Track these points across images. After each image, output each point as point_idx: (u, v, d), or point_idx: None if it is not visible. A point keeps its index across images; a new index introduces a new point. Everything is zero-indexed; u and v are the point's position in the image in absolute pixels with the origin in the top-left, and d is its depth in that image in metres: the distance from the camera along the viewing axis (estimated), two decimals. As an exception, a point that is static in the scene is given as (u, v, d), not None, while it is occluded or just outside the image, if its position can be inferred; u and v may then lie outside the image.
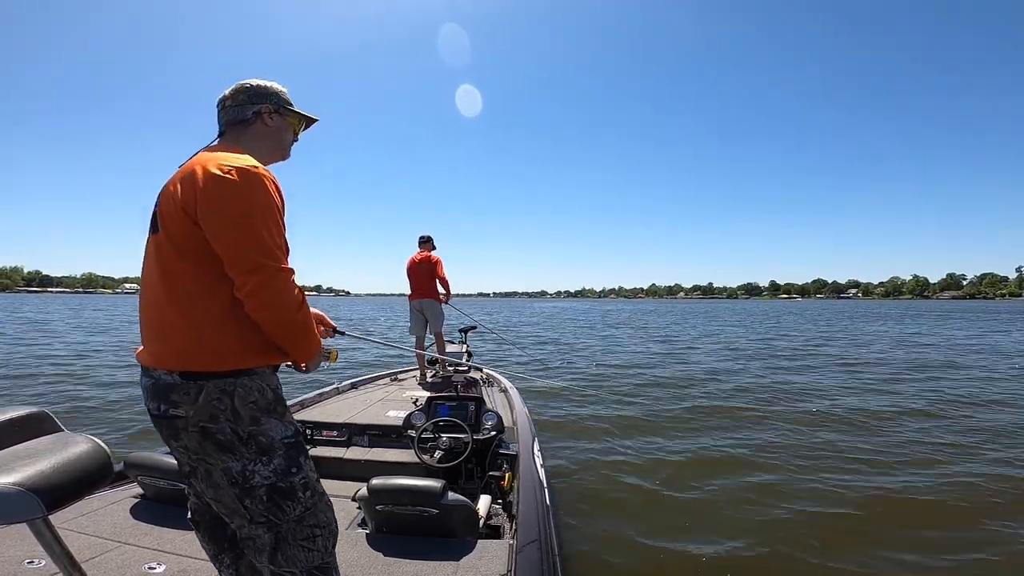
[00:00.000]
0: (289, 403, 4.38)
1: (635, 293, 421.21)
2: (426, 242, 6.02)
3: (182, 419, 1.28)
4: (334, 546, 1.46)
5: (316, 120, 1.64)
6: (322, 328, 1.72)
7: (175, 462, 2.38)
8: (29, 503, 1.18)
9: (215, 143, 1.47)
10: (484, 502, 2.55)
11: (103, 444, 1.45)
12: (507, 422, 3.54)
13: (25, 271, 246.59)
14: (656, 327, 26.29)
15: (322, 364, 1.61)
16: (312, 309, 1.71)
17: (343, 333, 1.81)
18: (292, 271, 1.32)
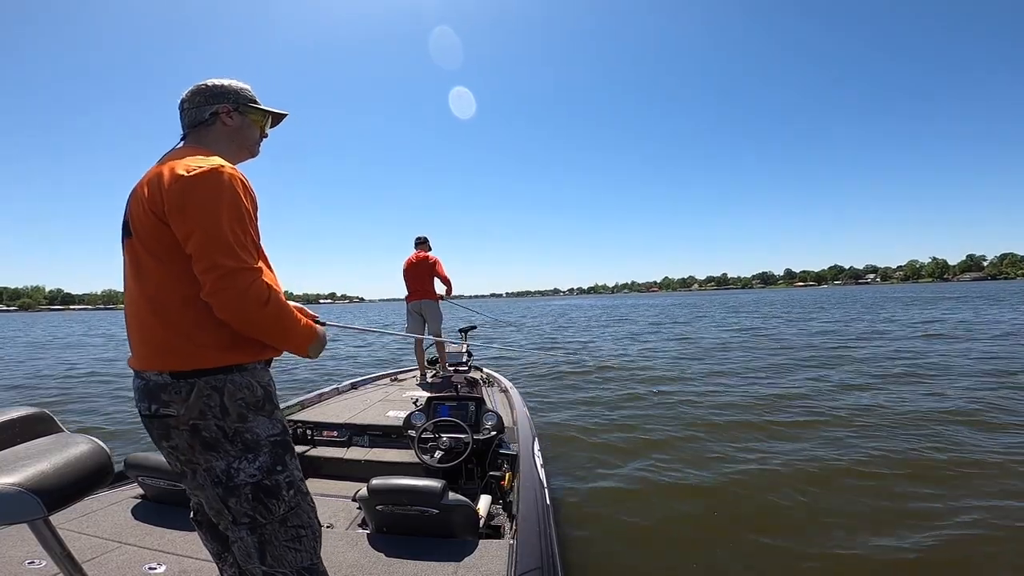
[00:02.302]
0: (289, 403, 4.39)
1: (648, 287, 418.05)
2: (423, 243, 5.96)
3: (173, 418, 1.27)
4: (319, 546, 1.47)
5: (285, 115, 1.63)
6: None
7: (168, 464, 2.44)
8: (30, 504, 1.18)
9: (180, 146, 1.46)
10: (484, 502, 2.55)
11: (103, 444, 1.46)
12: (507, 422, 3.52)
13: (47, 290, 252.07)
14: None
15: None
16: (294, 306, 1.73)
17: (324, 324, 1.82)
18: (257, 270, 1.27)
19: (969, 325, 16.10)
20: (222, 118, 1.48)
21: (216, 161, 1.30)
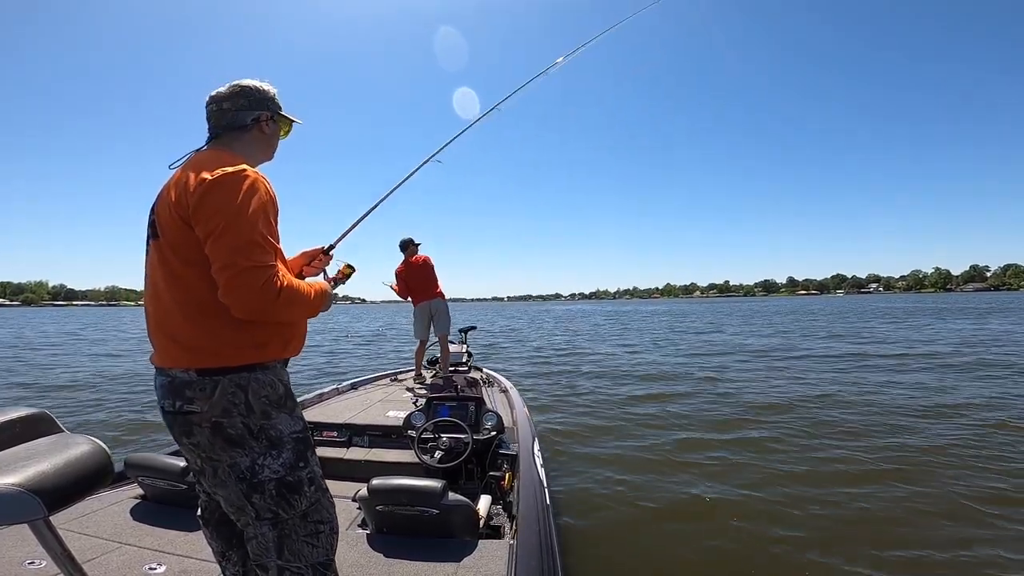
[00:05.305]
0: None
1: (650, 293, 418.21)
2: (415, 245, 5.80)
3: (196, 414, 1.29)
4: (336, 543, 1.48)
5: (299, 123, 1.66)
6: (317, 263, 1.82)
7: (175, 463, 2.41)
8: (30, 504, 1.18)
9: (207, 147, 1.47)
10: (484, 502, 2.55)
11: (103, 445, 1.46)
12: (507, 422, 3.53)
13: (50, 285, 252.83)
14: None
15: (342, 284, 1.74)
16: (298, 254, 1.81)
17: (333, 246, 1.85)
18: (271, 266, 1.27)
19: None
20: (261, 125, 1.50)
21: (240, 165, 1.33)
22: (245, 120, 1.46)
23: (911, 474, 4.25)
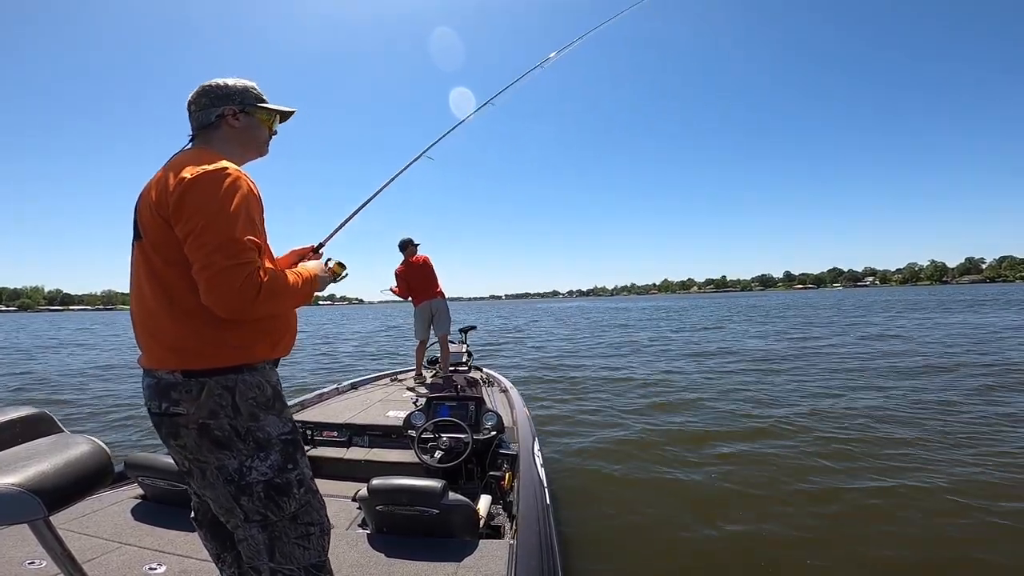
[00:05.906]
0: (289, 404, 4.54)
1: (647, 289, 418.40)
2: (414, 245, 5.83)
3: (183, 416, 1.28)
4: (327, 544, 1.47)
5: (293, 112, 1.60)
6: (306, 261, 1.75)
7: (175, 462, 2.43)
8: (30, 504, 1.18)
9: (188, 147, 1.46)
10: (484, 502, 2.55)
11: (103, 445, 1.46)
12: (507, 422, 3.54)
13: (46, 290, 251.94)
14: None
15: (334, 283, 1.67)
16: (288, 252, 1.74)
17: (323, 244, 1.81)
18: (249, 264, 1.24)
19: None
20: (227, 120, 1.47)
21: (220, 163, 1.31)
22: (210, 118, 1.45)
23: (942, 497, 3.83)
